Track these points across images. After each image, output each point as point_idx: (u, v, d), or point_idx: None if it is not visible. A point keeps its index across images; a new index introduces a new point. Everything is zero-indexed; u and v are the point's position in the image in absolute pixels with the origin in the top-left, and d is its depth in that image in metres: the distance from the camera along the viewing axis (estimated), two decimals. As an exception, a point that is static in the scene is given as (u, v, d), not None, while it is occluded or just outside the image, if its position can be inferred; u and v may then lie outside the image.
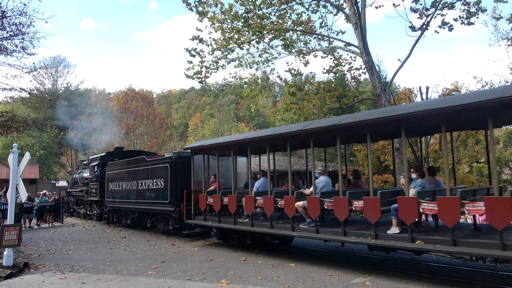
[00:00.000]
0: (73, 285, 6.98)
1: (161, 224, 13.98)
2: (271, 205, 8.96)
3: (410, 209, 6.53)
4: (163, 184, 13.24)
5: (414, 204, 6.51)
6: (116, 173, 16.63)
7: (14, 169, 9.01)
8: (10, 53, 13.60)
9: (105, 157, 18.88)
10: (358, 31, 13.67)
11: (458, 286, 6.25)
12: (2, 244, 8.45)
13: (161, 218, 14.01)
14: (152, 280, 7.23)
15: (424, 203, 6.44)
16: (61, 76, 56.69)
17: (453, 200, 6.05)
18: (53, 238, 13.82)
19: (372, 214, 7.03)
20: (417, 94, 27.22)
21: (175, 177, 12.79)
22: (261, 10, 14.31)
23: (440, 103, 6.40)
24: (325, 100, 15.80)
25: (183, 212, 12.08)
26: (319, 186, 8.56)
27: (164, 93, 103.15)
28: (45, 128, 23.09)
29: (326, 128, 7.95)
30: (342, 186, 8.00)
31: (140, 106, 45.03)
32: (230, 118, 50.32)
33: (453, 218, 6.03)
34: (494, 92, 5.92)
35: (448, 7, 12.81)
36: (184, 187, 12.25)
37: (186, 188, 12.08)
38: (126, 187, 15.70)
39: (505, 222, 5.54)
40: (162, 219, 13.99)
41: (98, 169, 18.79)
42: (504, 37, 22.26)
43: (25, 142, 37.12)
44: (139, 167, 14.87)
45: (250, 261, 8.72)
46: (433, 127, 8.13)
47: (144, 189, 14.37)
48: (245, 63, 16.14)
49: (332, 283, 6.58)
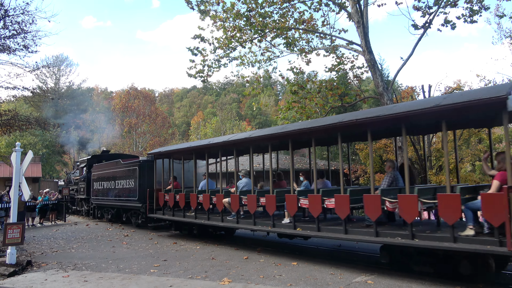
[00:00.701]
0: (75, 283, 7.00)
1: (133, 218, 16.05)
2: (207, 202, 11.09)
3: (293, 204, 8.60)
4: (133, 184, 15.44)
5: (295, 200, 8.55)
6: (100, 173, 18.76)
7: (17, 168, 9.04)
8: (13, 52, 13.63)
9: (91, 159, 21.08)
10: (361, 30, 13.63)
11: (461, 285, 6.24)
12: (5, 242, 8.49)
13: (134, 213, 16.06)
14: (154, 278, 7.25)
15: (302, 199, 8.41)
16: (64, 75, 56.94)
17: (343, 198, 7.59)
18: (56, 236, 13.87)
19: (270, 208, 9.14)
20: (420, 93, 27.12)
21: (142, 178, 14.99)
22: (263, 9, 14.28)
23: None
24: (327, 98, 15.76)
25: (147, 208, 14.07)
26: (240, 186, 10.50)
27: (166, 91, 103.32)
28: (47, 127, 23.06)
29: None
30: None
31: (142, 104, 45.11)
32: (232, 117, 50.37)
33: (344, 212, 7.55)
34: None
35: (451, 5, 12.75)
36: (149, 187, 14.17)
37: (151, 188, 14.00)
38: (107, 186, 17.84)
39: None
40: (134, 214, 16.03)
41: (85, 170, 20.95)
42: (507, 35, 22.20)
43: (28, 140, 37.20)
44: (116, 169, 17.01)
45: (252, 259, 8.73)
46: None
47: (120, 188, 16.47)
48: (247, 62, 16.12)
49: (334, 282, 6.58)
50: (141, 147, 42.29)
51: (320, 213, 8.03)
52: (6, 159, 24.35)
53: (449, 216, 6.07)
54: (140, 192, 14.87)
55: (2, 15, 13.03)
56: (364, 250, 9.69)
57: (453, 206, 6.04)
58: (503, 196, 5.41)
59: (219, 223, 10.65)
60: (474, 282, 6.34)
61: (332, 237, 8.00)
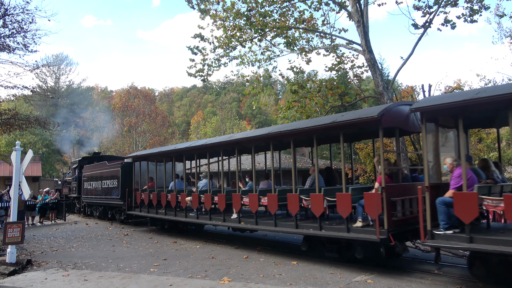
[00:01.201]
0: (75, 282, 7.01)
1: (117, 215, 17.67)
2: (174, 200, 12.55)
3: (237, 202, 10.02)
4: (116, 183, 17.02)
5: (239, 199, 9.95)
6: (89, 174, 20.47)
7: (17, 167, 9.05)
8: (12, 51, 13.61)
9: (82, 161, 22.81)
10: (361, 29, 13.61)
11: (460, 284, 6.25)
12: (6, 241, 8.50)
13: (118, 210, 17.63)
14: (154, 277, 7.26)
15: (245, 198, 9.82)
16: (64, 74, 56.86)
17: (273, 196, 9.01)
18: (56, 236, 13.88)
19: (221, 205, 10.62)
20: (420, 92, 27.11)
21: (124, 178, 16.53)
22: (263, 8, 14.26)
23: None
24: (327, 98, 15.74)
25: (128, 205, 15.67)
26: (200, 186, 12.03)
27: (166, 91, 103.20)
28: (47, 126, 22.89)
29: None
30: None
31: (142, 104, 45.04)
32: (232, 116, 50.28)
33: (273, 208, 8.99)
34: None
35: (451, 4, 12.73)
36: (130, 187, 15.66)
37: (130, 187, 15.58)
38: (95, 186, 19.43)
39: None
40: (118, 211, 17.62)
41: (77, 170, 22.62)
42: (508, 34, 22.16)
43: (28, 140, 37.22)
44: (103, 170, 18.67)
45: (252, 258, 8.74)
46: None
47: (106, 187, 18.10)
48: (247, 61, 16.09)
49: (334, 281, 6.59)
50: (141, 146, 42.23)
51: (257, 209, 9.53)
52: (6, 158, 24.35)
53: (343, 211, 7.45)
54: (122, 191, 16.38)
55: (2, 14, 13.01)
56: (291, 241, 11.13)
57: (345, 203, 7.40)
58: (379, 195, 6.78)
59: (183, 219, 12.23)
60: (473, 282, 6.35)
61: (266, 229, 9.62)
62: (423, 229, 6.25)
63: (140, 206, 14.78)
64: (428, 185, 6.39)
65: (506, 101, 5.50)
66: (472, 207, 5.73)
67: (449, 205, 6.15)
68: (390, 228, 6.73)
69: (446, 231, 6.16)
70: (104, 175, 18.33)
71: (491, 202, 5.75)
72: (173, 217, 12.69)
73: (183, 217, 12.20)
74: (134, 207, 15.28)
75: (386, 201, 6.78)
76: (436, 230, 6.25)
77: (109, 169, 18.01)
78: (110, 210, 18.47)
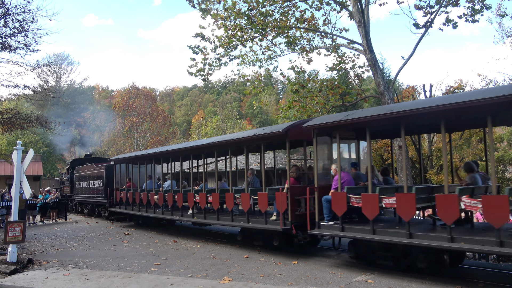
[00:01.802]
0: (76, 281, 7.02)
1: (103, 212, 19.44)
2: (145, 198, 14.31)
3: (191, 200, 11.59)
4: (101, 184, 18.88)
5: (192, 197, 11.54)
6: (80, 175, 22.44)
7: (18, 166, 9.06)
8: (14, 50, 13.62)
9: (74, 162, 24.82)
10: (362, 29, 13.61)
11: (461, 284, 6.24)
12: (7, 240, 8.52)
13: (103, 208, 19.28)
14: (155, 276, 7.26)
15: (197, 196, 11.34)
16: (65, 73, 56.95)
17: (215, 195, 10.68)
18: (57, 235, 13.90)
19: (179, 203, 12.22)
20: (421, 92, 27.09)
21: (107, 179, 18.32)
22: (264, 8, 14.26)
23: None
24: (328, 97, 15.74)
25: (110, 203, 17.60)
26: (165, 186, 13.74)
27: (167, 90, 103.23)
28: (49, 125, 22.84)
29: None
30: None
31: (143, 103, 45.02)
32: (233, 116, 50.20)
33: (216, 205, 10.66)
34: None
35: (453, 4, 12.72)
36: (112, 186, 17.56)
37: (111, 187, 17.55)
38: (84, 186, 21.27)
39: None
40: (103, 208, 19.29)
41: (69, 171, 24.53)
42: (509, 34, 22.10)
43: (29, 139, 37.28)
44: (90, 171, 20.59)
45: (253, 258, 8.74)
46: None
47: (93, 187, 19.94)
48: (248, 61, 16.09)
49: (334, 281, 6.58)
50: (142, 146, 42.22)
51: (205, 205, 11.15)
52: (7, 157, 24.41)
53: (262, 207, 9.19)
54: (105, 191, 18.15)
55: (3, 14, 13.03)
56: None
57: (263, 200, 9.14)
58: (284, 194, 8.56)
59: (151, 214, 14.12)
60: (474, 282, 6.35)
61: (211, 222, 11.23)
62: (309, 221, 8.14)
63: (119, 203, 16.65)
64: (317, 186, 8.14)
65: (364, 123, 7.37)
66: (342, 203, 7.51)
67: (330, 202, 7.84)
68: (293, 220, 8.47)
69: (328, 222, 7.90)
70: (92, 176, 20.27)
71: (356, 200, 7.43)
72: (145, 213, 14.56)
73: (152, 213, 14.05)
74: (115, 205, 17.15)
75: (290, 199, 8.48)
76: (322, 221, 7.99)
77: (95, 171, 19.90)
78: (97, 207, 20.25)
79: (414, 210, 6.59)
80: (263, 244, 9.66)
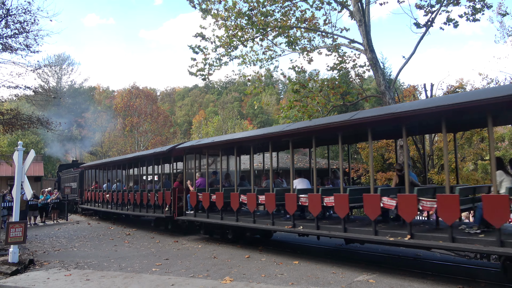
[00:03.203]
0: (78, 282, 7.02)
1: (78, 209, 23.47)
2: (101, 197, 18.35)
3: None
4: (77, 185, 23.68)
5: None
6: (64, 178, 27.75)
7: (19, 167, 9.06)
8: (14, 51, 13.63)
9: (61, 167, 30.23)
10: (363, 28, 13.58)
11: (462, 284, 6.23)
12: (8, 241, 8.52)
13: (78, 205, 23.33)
14: (156, 277, 7.26)
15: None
16: (65, 74, 56.98)
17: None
18: (58, 235, 13.91)
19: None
20: (422, 91, 27.02)
21: (80, 181, 23.28)
22: (265, 7, 14.24)
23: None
24: (329, 97, 15.71)
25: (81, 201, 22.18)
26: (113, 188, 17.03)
27: (168, 90, 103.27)
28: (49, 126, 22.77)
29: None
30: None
31: (144, 103, 45.05)
32: (234, 116, 50.18)
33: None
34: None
35: (454, 3, 12.68)
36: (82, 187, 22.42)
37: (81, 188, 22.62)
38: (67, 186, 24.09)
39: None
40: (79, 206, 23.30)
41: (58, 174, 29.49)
42: (510, 33, 22.04)
43: (30, 139, 37.34)
44: (70, 175, 25.92)
45: (254, 258, 8.74)
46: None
47: (73, 188, 23.97)
48: (248, 61, 16.06)
49: (335, 281, 6.58)
50: (142, 146, 42.23)
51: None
52: (8, 158, 24.44)
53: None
54: (79, 191, 22.92)
55: (4, 15, 13.04)
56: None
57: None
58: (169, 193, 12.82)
59: (104, 209, 18.06)
60: (476, 282, 6.34)
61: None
62: (177, 211, 12.49)
63: (87, 201, 21.01)
64: (185, 188, 12.37)
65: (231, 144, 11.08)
66: (194, 199, 11.67)
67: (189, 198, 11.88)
68: (174, 210, 12.53)
69: (189, 212, 11.99)
70: (71, 178, 25.46)
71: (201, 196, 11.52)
72: (107, 209, 17.78)
73: (115, 209, 16.98)
74: (85, 202, 21.50)
75: (176, 196, 12.52)
76: (187, 211, 12.16)
77: (73, 175, 25.04)
78: (74, 205, 24.43)
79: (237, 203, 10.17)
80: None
